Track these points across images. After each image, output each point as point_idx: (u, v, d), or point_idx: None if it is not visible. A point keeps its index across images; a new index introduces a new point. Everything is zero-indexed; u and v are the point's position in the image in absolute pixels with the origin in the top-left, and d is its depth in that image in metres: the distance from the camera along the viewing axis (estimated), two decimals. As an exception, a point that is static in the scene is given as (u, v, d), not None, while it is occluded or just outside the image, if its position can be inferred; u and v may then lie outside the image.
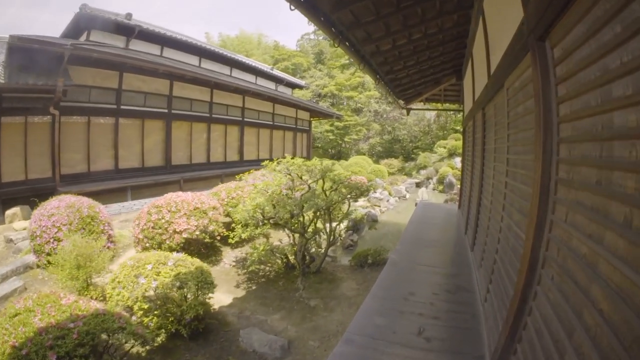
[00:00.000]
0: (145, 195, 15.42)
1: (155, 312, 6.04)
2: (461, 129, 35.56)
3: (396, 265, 6.70)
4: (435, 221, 10.73)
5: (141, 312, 6.02)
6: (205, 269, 6.62)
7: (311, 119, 31.29)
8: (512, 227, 3.60)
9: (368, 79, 41.82)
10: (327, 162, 10.18)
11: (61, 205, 8.75)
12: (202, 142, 20.30)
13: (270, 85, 28.22)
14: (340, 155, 37.95)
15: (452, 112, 37.62)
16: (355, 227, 14.42)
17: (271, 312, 7.34)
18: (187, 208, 9.11)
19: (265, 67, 28.64)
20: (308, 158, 29.49)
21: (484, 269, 5.07)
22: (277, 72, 29.53)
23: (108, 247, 9.66)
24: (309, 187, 9.39)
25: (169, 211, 8.98)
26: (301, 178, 9.40)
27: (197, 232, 8.90)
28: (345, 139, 38.60)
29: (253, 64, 26.64)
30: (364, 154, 38.09)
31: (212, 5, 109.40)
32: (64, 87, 11.75)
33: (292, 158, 9.71)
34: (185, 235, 8.70)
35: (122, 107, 15.29)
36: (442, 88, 12.60)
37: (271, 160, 9.98)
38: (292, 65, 48.04)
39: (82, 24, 15.40)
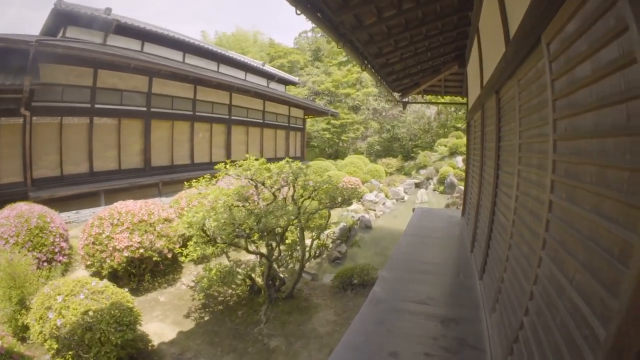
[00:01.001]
0: (121, 200, 13.89)
1: (69, 354, 4.67)
2: (463, 126, 34.90)
3: (378, 304, 5.06)
4: (434, 233, 9.07)
5: (53, 351, 4.85)
6: (126, 304, 5.08)
7: (305, 117, 29.97)
8: (563, 284, 2.03)
9: (365, 75, 41.00)
10: (297, 164, 8.57)
11: (11, 215, 7.80)
12: (184, 142, 19.06)
13: (261, 81, 26.91)
14: (337, 154, 36.58)
15: (453, 109, 36.64)
16: (346, 235, 12.87)
17: (219, 354, 5.82)
18: (130, 220, 7.54)
19: (256, 63, 27.25)
20: (302, 158, 28.42)
21: (501, 318, 3.51)
22: (268, 68, 28.28)
23: (58, 262, 8.38)
24: (274, 196, 7.82)
25: (111, 224, 7.43)
26: (263, 184, 7.81)
27: (141, 250, 7.32)
28: (342, 138, 37.22)
29: (242, 60, 25.27)
30: (362, 153, 37.15)
31: (212, 5, 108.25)
32: (32, 87, 10.92)
33: (256, 159, 8.11)
34: (126, 253, 7.14)
35: (96, 106, 14.37)
36: (443, 78, 11.04)
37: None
38: (288, 63, 47.24)
39: (59, 20, 14.68)
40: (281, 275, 7.93)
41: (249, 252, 7.33)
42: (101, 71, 14.19)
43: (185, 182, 9.52)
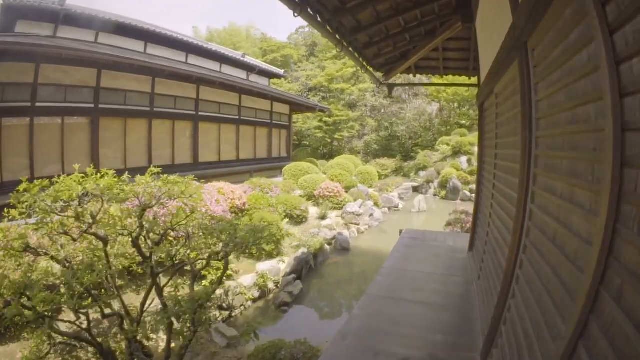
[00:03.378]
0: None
1: None
2: (467, 123, 32.00)
3: None
4: (420, 292, 5.49)
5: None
6: None
7: (293, 113, 27.25)
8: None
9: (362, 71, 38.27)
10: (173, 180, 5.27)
11: None
12: (140, 142, 16.38)
13: (240, 74, 24.16)
14: (332, 154, 33.63)
15: (457, 105, 33.75)
16: (308, 265, 9.82)
17: None
18: None
19: (234, 54, 24.66)
20: (288, 158, 25.46)
21: None
22: (249, 60, 25.56)
23: None
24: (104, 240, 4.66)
25: None
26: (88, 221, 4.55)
27: None
28: (336, 137, 34.44)
29: (214, 49, 22.45)
30: (359, 153, 34.96)
31: (208, 3, 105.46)
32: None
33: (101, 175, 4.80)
34: None
35: (37, 104, 12.44)
36: (440, 45, 7.95)
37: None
38: (281, 57, 45.09)
39: (11, 15, 13.47)
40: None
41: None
42: (44, 66, 12.37)
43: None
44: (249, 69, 24.96)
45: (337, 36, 5.64)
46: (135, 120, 16.06)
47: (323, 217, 12.95)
